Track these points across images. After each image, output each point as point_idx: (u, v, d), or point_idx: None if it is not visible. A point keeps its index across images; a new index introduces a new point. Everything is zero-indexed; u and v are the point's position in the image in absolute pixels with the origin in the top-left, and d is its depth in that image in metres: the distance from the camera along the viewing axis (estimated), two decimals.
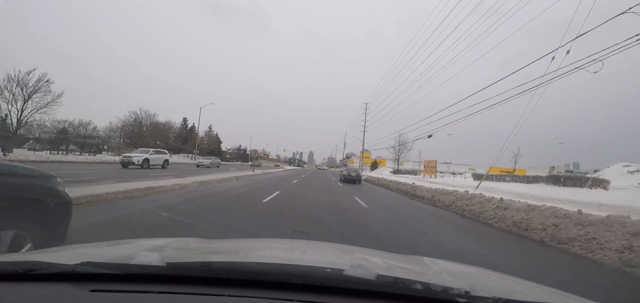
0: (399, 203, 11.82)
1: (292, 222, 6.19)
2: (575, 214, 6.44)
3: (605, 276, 4.23)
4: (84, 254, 1.20)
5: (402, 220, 7.63)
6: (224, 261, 1.26)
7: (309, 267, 1.20)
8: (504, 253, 5.14)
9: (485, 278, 1.45)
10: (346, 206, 9.25)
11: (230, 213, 6.67)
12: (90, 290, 0.89)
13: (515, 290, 1.18)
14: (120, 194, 7.30)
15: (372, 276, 0.96)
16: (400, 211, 9.26)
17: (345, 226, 6.12)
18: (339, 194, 13.43)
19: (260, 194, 10.50)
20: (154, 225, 5.05)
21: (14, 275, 0.94)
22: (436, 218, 8.53)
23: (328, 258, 1.63)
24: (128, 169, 19.54)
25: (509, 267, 4.08)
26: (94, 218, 5.00)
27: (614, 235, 5.08)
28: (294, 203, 9.22)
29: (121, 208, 6.07)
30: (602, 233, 5.23)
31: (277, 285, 0.96)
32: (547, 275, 3.97)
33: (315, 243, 2.28)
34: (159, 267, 0.98)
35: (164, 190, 9.23)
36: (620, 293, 3.71)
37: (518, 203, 8.61)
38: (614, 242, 4.91)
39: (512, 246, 5.72)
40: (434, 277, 1.21)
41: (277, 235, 4.79)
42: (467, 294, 0.92)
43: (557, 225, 6.10)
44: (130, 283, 0.93)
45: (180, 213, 6.04)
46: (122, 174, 14.43)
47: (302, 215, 7.22)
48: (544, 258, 4.96)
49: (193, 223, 5.32)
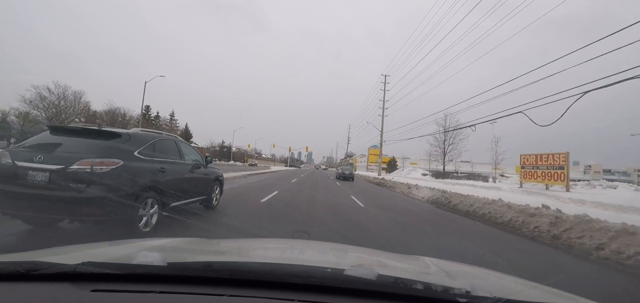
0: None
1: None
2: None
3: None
4: (85, 254, 1.20)
5: None
6: (225, 261, 1.26)
7: (310, 266, 1.20)
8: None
9: (486, 278, 1.45)
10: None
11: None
12: (91, 290, 0.89)
13: (516, 290, 1.18)
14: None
15: (373, 276, 0.96)
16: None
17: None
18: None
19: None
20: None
21: (16, 275, 0.94)
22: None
23: (328, 258, 1.64)
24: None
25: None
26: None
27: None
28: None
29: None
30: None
31: (278, 285, 0.96)
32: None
33: (316, 243, 2.28)
34: (160, 266, 0.98)
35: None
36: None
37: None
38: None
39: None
40: (435, 277, 1.22)
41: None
42: (467, 294, 0.92)
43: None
44: (131, 283, 0.93)
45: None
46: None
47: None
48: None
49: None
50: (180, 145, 5.40)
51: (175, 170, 4.80)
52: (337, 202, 9.96)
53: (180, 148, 5.27)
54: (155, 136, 4.68)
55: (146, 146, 4.24)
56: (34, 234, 3.72)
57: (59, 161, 3.37)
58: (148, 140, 4.35)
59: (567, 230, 5.88)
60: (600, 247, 5.02)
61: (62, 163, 3.36)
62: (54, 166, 3.32)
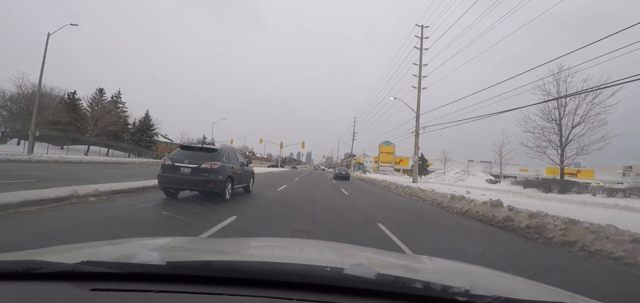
0: None
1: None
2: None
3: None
4: (84, 253, 1.20)
5: None
6: (224, 260, 1.26)
7: (309, 265, 1.20)
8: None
9: (485, 276, 1.45)
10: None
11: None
12: (90, 289, 0.89)
13: (515, 288, 1.18)
14: None
15: (372, 275, 0.96)
16: None
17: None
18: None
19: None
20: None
21: (15, 274, 0.94)
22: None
23: (328, 257, 1.64)
24: None
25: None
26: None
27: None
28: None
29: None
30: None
31: (277, 284, 0.96)
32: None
33: (315, 242, 2.28)
34: (159, 265, 0.98)
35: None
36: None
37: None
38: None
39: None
40: (434, 276, 1.22)
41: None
42: (466, 293, 0.92)
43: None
44: (130, 282, 0.93)
45: None
46: None
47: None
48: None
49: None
50: (237, 154, 9.69)
51: (236, 168, 8.55)
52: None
53: (237, 155, 9.54)
54: (229, 150, 9.14)
55: (226, 155, 8.09)
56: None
57: (193, 162, 7.16)
58: (227, 152, 8.49)
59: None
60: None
61: (196, 163, 7.15)
62: (193, 165, 7.11)
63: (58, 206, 5.27)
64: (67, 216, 4.73)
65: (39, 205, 5.00)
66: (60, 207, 5.24)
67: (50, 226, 4.12)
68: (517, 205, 8.36)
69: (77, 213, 5.05)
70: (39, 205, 4.99)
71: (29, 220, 4.36)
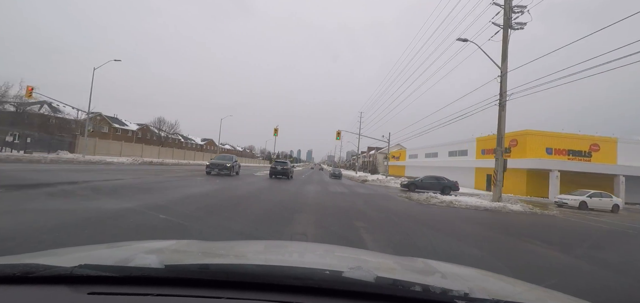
0: None
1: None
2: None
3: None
4: (81, 256, 1.19)
5: None
6: (223, 263, 1.25)
7: (308, 268, 1.19)
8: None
9: (484, 280, 1.45)
10: None
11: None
12: (87, 293, 0.89)
13: (514, 291, 1.18)
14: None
15: (371, 278, 0.96)
16: None
17: None
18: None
19: None
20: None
21: (12, 277, 0.93)
22: None
23: (326, 260, 1.63)
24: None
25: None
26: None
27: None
28: None
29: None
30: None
31: (275, 287, 0.95)
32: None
33: (314, 245, 2.28)
34: (157, 269, 0.98)
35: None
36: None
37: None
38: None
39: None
40: (433, 279, 1.22)
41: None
42: (466, 296, 0.92)
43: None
44: (128, 286, 0.93)
45: None
46: None
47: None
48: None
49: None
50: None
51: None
52: None
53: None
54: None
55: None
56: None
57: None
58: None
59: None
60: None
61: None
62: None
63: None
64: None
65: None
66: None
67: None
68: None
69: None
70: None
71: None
